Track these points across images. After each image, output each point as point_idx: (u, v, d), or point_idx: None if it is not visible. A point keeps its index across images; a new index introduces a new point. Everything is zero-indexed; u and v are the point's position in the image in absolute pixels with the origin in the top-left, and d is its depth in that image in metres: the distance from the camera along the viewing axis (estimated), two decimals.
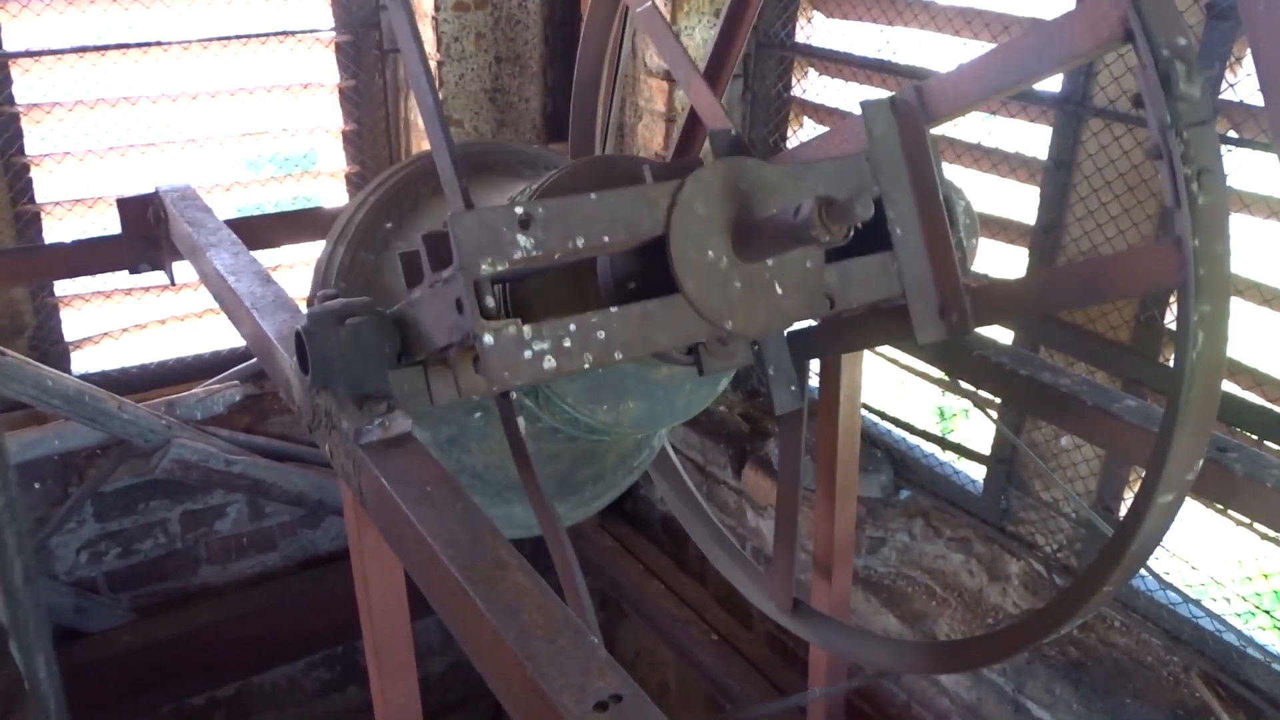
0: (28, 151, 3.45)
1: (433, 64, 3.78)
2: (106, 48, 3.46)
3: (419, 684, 1.82)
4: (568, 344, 1.38)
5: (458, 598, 1.23)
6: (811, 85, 3.51)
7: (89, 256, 2.60)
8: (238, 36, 3.66)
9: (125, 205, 2.56)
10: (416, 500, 1.37)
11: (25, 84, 3.41)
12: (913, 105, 1.65)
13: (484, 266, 1.34)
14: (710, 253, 1.48)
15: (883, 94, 1.79)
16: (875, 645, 2.22)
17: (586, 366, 1.40)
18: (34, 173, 3.48)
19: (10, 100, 3.38)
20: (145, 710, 3.94)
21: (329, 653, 4.32)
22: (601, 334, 1.41)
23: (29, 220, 3.50)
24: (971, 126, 3.09)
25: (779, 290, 1.54)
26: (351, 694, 4.36)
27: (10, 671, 2.41)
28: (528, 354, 1.36)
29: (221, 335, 3.79)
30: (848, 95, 3.34)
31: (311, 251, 3.99)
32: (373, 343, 1.54)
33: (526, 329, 1.36)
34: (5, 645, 2.40)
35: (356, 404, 1.52)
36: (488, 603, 1.18)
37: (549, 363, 1.37)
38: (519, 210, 1.37)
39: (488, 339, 1.33)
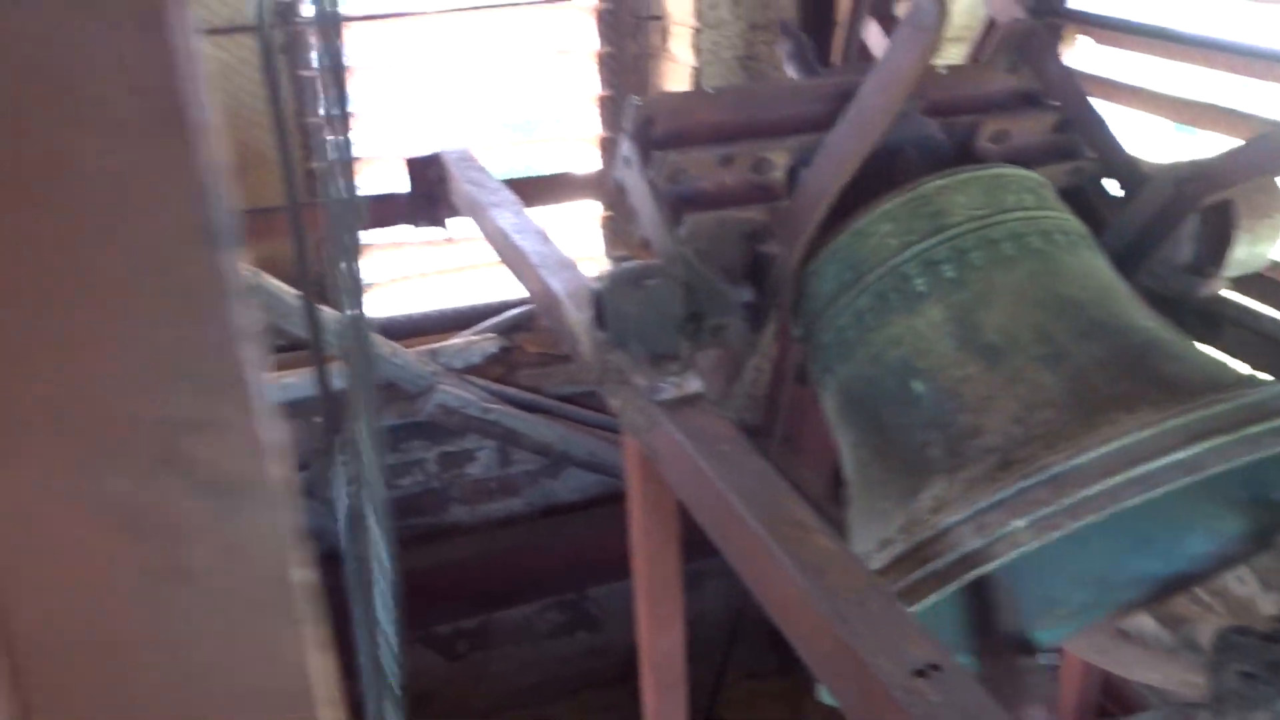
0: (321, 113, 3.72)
1: (689, 32, 3.80)
2: (382, 17, 3.68)
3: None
4: None
5: (760, 554, 1.26)
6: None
7: (380, 210, 2.79)
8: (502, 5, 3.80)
9: (413, 165, 2.72)
10: (713, 457, 1.41)
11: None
12: None
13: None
14: None
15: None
16: None
17: None
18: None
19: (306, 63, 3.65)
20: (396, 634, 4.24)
21: (561, 598, 4.49)
22: None
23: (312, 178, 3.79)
24: None
25: None
26: (580, 638, 4.54)
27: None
28: None
29: (473, 290, 3.99)
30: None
31: (560, 212, 4.14)
32: (667, 304, 1.59)
33: None
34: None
35: (652, 362, 1.58)
36: (794, 559, 1.20)
37: None
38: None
39: None
